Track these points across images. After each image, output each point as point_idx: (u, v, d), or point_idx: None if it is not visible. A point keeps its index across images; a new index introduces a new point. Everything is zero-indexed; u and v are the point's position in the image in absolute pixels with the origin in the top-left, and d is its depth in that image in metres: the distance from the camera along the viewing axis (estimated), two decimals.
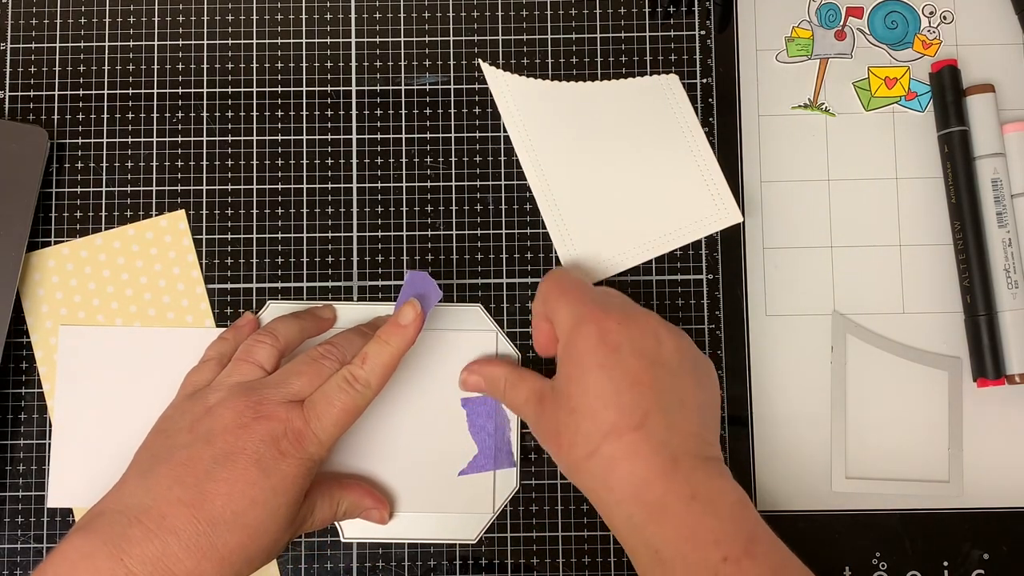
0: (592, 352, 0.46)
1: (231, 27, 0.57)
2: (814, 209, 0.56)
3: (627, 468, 0.45)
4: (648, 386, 0.46)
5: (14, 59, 0.57)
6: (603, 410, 0.46)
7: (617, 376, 0.46)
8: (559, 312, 0.48)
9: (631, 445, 0.45)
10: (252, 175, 0.56)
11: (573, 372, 0.47)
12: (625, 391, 0.46)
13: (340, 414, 0.48)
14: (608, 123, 0.56)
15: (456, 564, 0.54)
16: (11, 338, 0.54)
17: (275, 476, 0.46)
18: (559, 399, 0.48)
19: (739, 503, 0.46)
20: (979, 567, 0.54)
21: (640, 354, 0.47)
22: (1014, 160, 0.55)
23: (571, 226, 0.55)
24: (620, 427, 0.45)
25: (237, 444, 0.46)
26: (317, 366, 0.49)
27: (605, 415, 0.46)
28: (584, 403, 0.46)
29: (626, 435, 0.45)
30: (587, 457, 0.46)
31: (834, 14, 0.57)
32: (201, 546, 0.45)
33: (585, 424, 0.46)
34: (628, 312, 0.48)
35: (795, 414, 0.55)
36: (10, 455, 0.54)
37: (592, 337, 0.47)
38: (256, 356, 0.50)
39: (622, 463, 0.45)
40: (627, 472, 0.45)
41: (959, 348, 0.55)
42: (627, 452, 0.45)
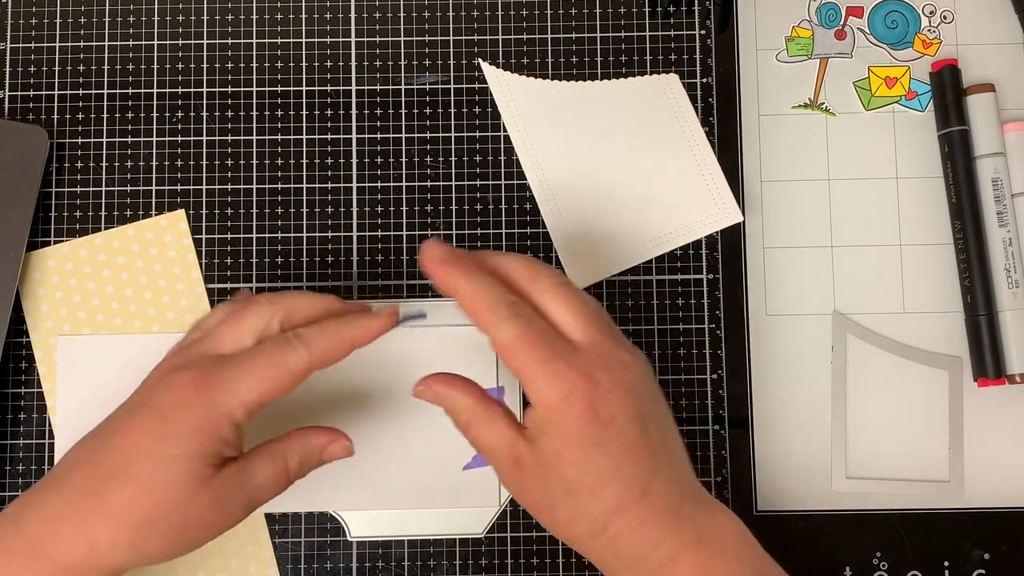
0: (587, 433, 0.43)
1: (231, 27, 0.57)
2: (814, 209, 0.56)
3: (636, 538, 0.43)
4: (645, 453, 0.43)
5: (14, 59, 0.57)
6: (605, 489, 0.43)
7: (615, 451, 0.43)
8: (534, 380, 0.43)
9: (639, 517, 0.43)
10: (252, 175, 0.56)
11: (566, 452, 0.43)
12: (625, 464, 0.43)
13: (267, 369, 0.44)
14: (608, 123, 0.56)
15: (456, 564, 0.54)
16: (11, 338, 0.54)
17: (169, 424, 0.43)
18: (549, 476, 0.43)
19: (740, 536, 0.45)
20: (979, 567, 0.54)
21: (633, 420, 0.43)
22: (1014, 160, 0.55)
23: (571, 226, 0.55)
24: (625, 502, 0.43)
25: (146, 397, 0.45)
26: (247, 312, 0.46)
27: (608, 494, 0.43)
28: (584, 484, 0.43)
29: (633, 508, 0.43)
30: (593, 535, 0.43)
31: (834, 14, 0.57)
32: (89, 502, 0.42)
33: (587, 506, 0.43)
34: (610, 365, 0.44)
35: (795, 414, 0.55)
36: (10, 455, 0.54)
37: (585, 417, 0.43)
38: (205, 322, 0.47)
39: (631, 535, 0.43)
40: (637, 541, 0.43)
41: (959, 348, 0.55)
42: (636, 524, 0.43)
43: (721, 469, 0.54)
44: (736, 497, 0.54)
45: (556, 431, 0.43)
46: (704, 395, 0.55)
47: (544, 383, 0.43)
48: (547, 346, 0.43)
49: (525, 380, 0.44)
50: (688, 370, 0.55)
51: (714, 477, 0.54)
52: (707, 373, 0.55)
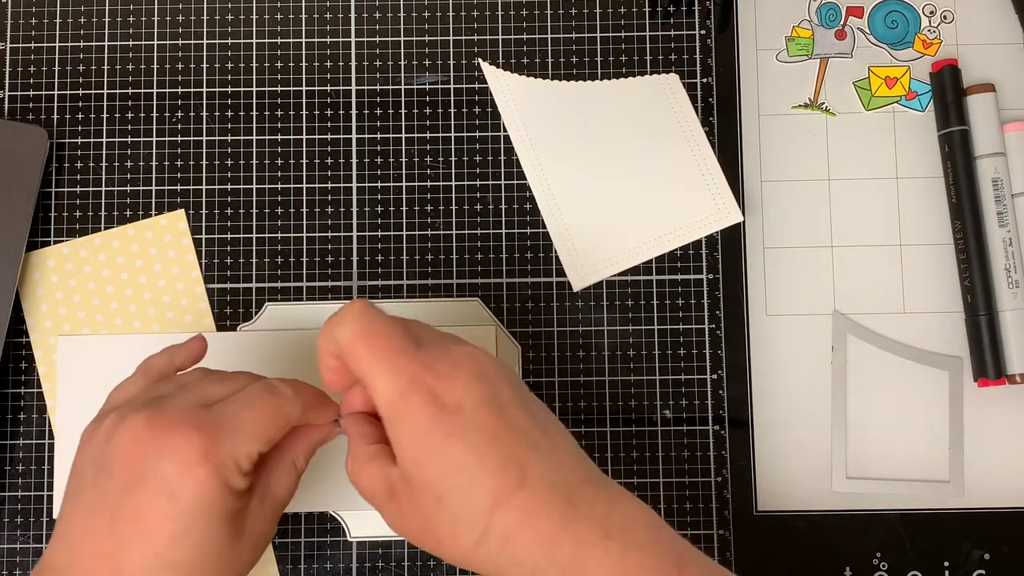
0: (434, 425, 0.39)
1: (231, 27, 0.57)
2: (814, 209, 0.56)
3: (528, 534, 0.39)
4: (510, 437, 0.40)
5: (14, 59, 0.57)
6: (475, 484, 0.39)
7: (472, 439, 0.39)
8: (374, 378, 0.41)
9: (522, 509, 0.39)
10: (252, 175, 0.56)
11: (420, 455, 0.40)
12: (487, 452, 0.39)
13: (261, 417, 0.41)
14: (608, 123, 0.56)
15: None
16: (10, 338, 0.54)
17: (187, 499, 0.39)
18: (416, 491, 0.40)
19: (651, 522, 0.41)
20: (980, 567, 0.54)
21: (484, 403, 0.40)
22: (1014, 159, 0.55)
23: (571, 226, 0.55)
24: (501, 494, 0.39)
25: (136, 470, 0.40)
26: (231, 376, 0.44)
27: (479, 489, 0.39)
28: (450, 484, 0.39)
29: (511, 502, 0.39)
30: (479, 542, 0.39)
31: (834, 14, 0.57)
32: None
33: (461, 509, 0.39)
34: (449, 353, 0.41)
35: (795, 414, 0.55)
36: (10, 455, 0.54)
37: (427, 408, 0.40)
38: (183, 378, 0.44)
39: (520, 531, 0.39)
40: (529, 538, 0.39)
41: (960, 348, 0.55)
42: (521, 516, 0.39)
43: (721, 469, 0.54)
44: (736, 497, 0.54)
45: (406, 434, 0.40)
46: (704, 395, 0.55)
47: (385, 380, 0.40)
48: (387, 342, 0.41)
49: (369, 383, 0.41)
50: (688, 370, 0.55)
51: (714, 477, 0.54)
52: (707, 373, 0.55)
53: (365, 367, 0.41)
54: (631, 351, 0.55)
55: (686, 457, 0.54)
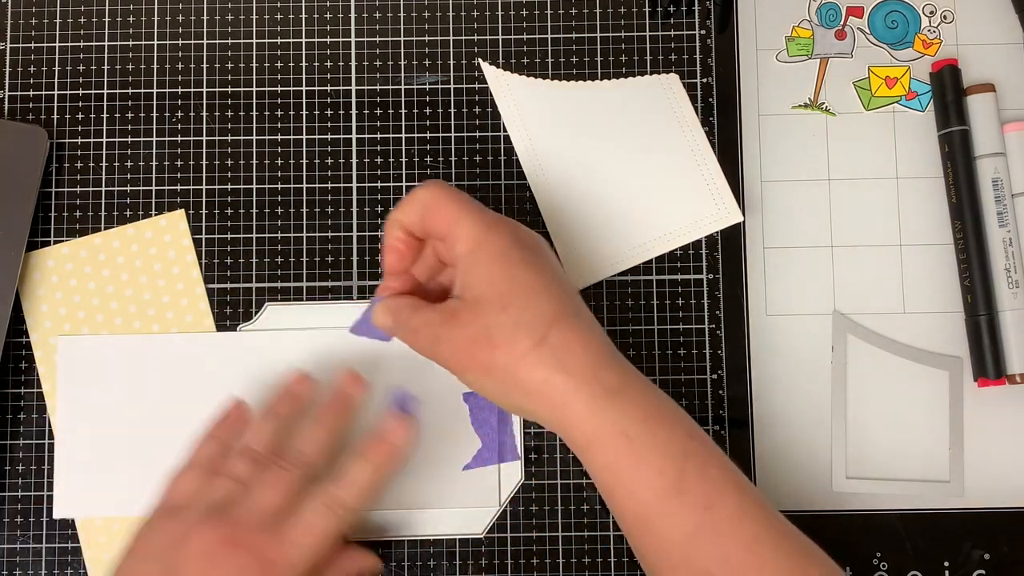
0: (512, 250, 0.46)
1: (231, 27, 0.57)
2: (814, 209, 0.56)
3: (582, 349, 0.44)
4: (566, 285, 0.47)
5: (14, 59, 0.57)
6: (539, 300, 0.45)
7: (541, 271, 0.46)
8: (462, 220, 0.46)
9: (578, 327, 0.45)
10: (252, 175, 0.56)
11: (495, 271, 0.45)
12: (552, 283, 0.45)
13: (317, 540, 0.46)
14: (608, 122, 0.56)
15: (456, 564, 0.54)
16: (10, 337, 0.54)
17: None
18: (482, 304, 0.45)
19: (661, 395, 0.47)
20: (980, 567, 0.54)
21: (551, 259, 0.47)
22: (1014, 159, 0.55)
23: (571, 226, 0.55)
24: (561, 314, 0.45)
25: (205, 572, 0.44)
26: (283, 474, 0.47)
27: (543, 304, 0.45)
28: (518, 296, 0.45)
29: (570, 320, 0.45)
30: (535, 346, 0.44)
31: (834, 14, 0.57)
32: None
33: (525, 315, 0.44)
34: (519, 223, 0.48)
35: (795, 414, 0.55)
36: (10, 455, 0.54)
37: (509, 236, 0.46)
38: (236, 471, 0.48)
39: (576, 345, 0.44)
40: (583, 352, 0.44)
41: (960, 348, 0.55)
42: (577, 334, 0.44)
43: None
44: None
45: (486, 257, 0.46)
46: (704, 395, 0.55)
47: (472, 221, 0.46)
48: (467, 199, 0.47)
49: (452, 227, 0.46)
50: (688, 370, 0.55)
51: None
52: (707, 373, 0.55)
53: (450, 216, 0.47)
54: (631, 351, 0.55)
55: None
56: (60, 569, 0.54)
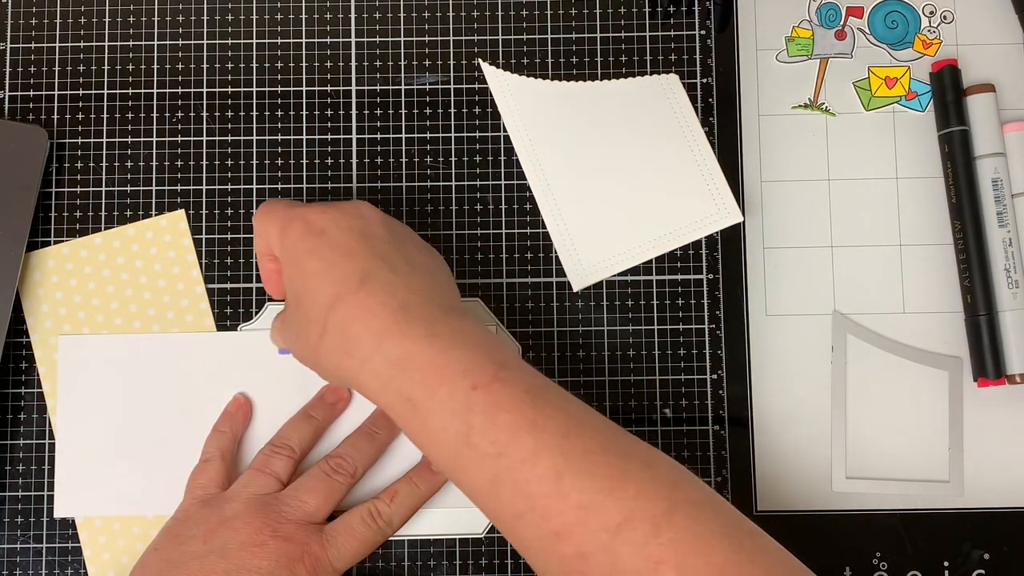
0: (300, 243, 0.46)
1: (231, 27, 0.57)
2: (814, 209, 0.56)
3: (360, 326, 0.44)
4: (363, 254, 0.46)
5: (14, 59, 0.57)
6: (322, 289, 0.45)
7: (327, 254, 0.46)
8: (269, 231, 0.48)
9: (357, 305, 0.44)
10: (252, 175, 0.56)
11: (291, 270, 0.47)
12: (339, 263, 0.45)
13: (359, 547, 0.50)
14: (608, 123, 0.56)
15: (456, 564, 0.54)
16: (11, 337, 0.54)
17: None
18: (289, 304, 0.48)
19: (484, 336, 0.45)
20: (979, 567, 0.54)
21: (348, 230, 0.47)
22: (1014, 160, 0.55)
23: (571, 226, 0.55)
24: (342, 294, 0.45)
25: (252, 562, 0.47)
26: (331, 483, 0.50)
27: (325, 290, 0.45)
28: (304, 288, 0.46)
29: (349, 298, 0.45)
30: (321, 336, 0.45)
31: (834, 14, 0.57)
32: None
33: (312, 309, 0.45)
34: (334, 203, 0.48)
35: (795, 414, 0.55)
36: (10, 455, 0.54)
37: (297, 230, 0.47)
38: (274, 467, 0.51)
39: (353, 324, 0.44)
40: (361, 329, 0.44)
41: (959, 348, 0.55)
42: (355, 313, 0.44)
43: (721, 469, 0.54)
44: (736, 497, 0.54)
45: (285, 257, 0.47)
46: (704, 395, 0.55)
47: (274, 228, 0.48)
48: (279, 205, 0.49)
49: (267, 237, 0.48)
50: (688, 370, 0.55)
51: (714, 477, 0.54)
52: (707, 373, 0.55)
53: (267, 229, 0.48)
54: (631, 351, 0.55)
55: (686, 457, 0.54)
56: (60, 569, 0.54)
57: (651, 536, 0.40)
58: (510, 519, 0.43)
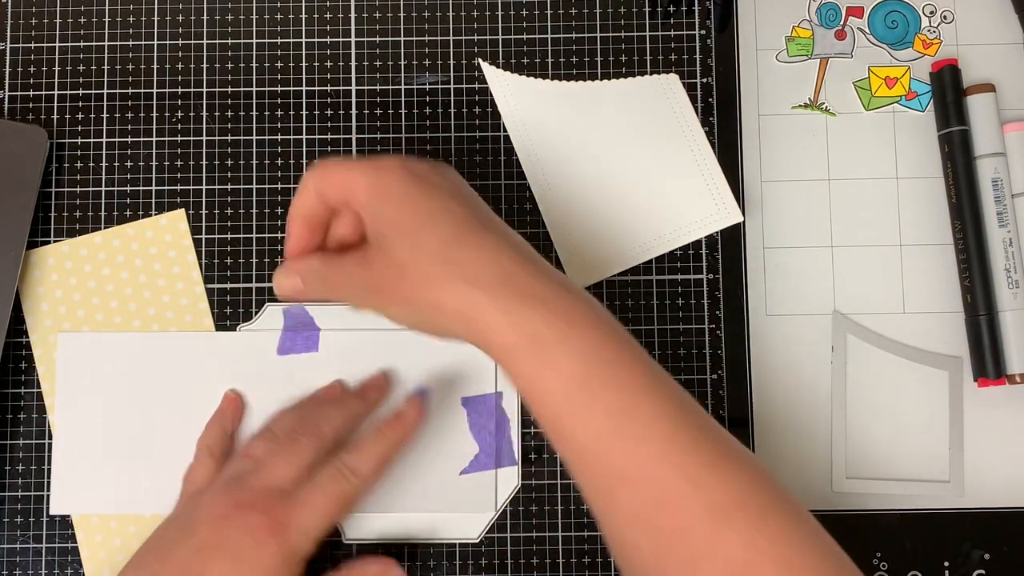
0: (408, 185, 0.45)
1: (231, 27, 0.57)
2: (814, 209, 0.56)
3: (488, 260, 0.44)
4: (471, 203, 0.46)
5: (14, 59, 0.57)
6: (442, 222, 0.44)
7: (443, 197, 0.45)
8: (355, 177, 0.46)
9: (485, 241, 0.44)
10: (252, 175, 0.56)
11: (394, 208, 0.45)
12: (456, 207, 0.45)
13: (329, 504, 0.48)
14: (608, 123, 0.56)
15: (456, 564, 0.54)
16: (10, 337, 0.54)
17: (247, 567, 0.46)
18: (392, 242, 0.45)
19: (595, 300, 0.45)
20: (980, 567, 0.54)
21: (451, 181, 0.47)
22: (1014, 160, 0.55)
23: (571, 226, 0.55)
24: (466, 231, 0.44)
25: (216, 535, 0.47)
26: (294, 445, 0.49)
27: (447, 225, 0.44)
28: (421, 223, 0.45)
29: (476, 235, 0.44)
30: (444, 267, 0.44)
31: (834, 14, 0.57)
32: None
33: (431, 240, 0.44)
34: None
35: (795, 414, 0.55)
36: (9, 455, 0.54)
37: (401, 174, 0.45)
38: (253, 450, 0.50)
39: (481, 257, 0.44)
40: (489, 263, 0.43)
41: (960, 348, 0.55)
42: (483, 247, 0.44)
43: None
44: None
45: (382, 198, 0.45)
46: (704, 395, 0.55)
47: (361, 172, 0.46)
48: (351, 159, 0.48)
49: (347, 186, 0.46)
50: (688, 370, 0.55)
51: None
52: (707, 373, 0.55)
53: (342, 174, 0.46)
54: None
55: None
56: (60, 569, 0.54)
57: (759, 525, 0.40)
58: (612, 482, 0.42)
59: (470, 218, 0.45)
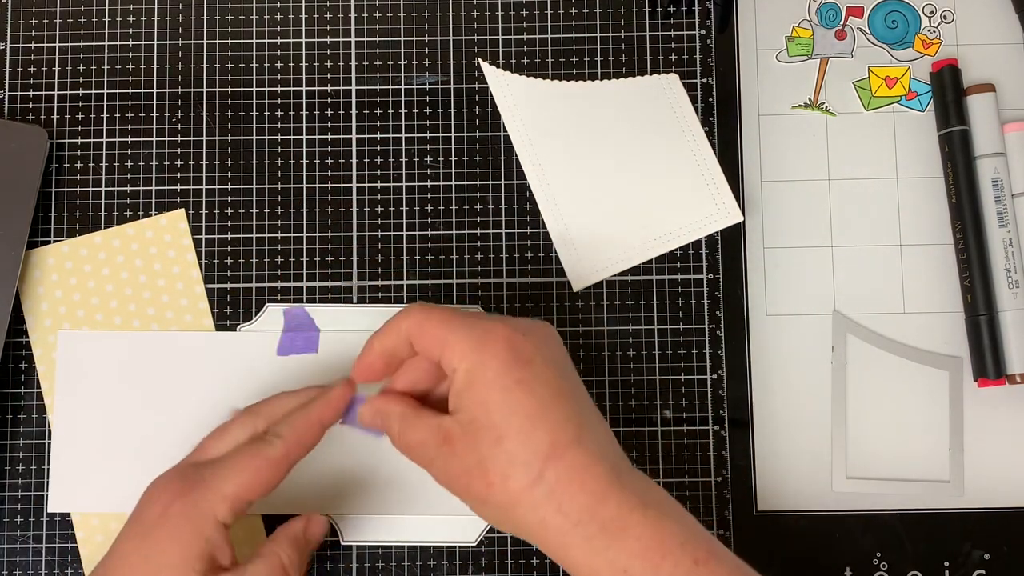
0: (508, 370, 0.43)
1: (231, 27, 0.57)
2: (814, 209, 0.56)
3: (578, 486, 0.42)
4: (569, 396, 0.44)
5: (14, 59, 0.57)
6: (536, 430, 0.42)
7: (539, 391, 0.43)
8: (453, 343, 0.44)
9: (577, 461, 0.42)
10: (252, 175, 0.56)
11: (490, 397, 0.43)
12: (551, 406, 0.43)
13: (244, 460, 0.45)
14: (608, 123, 0.56)
15: (456, 564, 0.54)
16: (10, 337, 0.54)
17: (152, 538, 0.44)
18: (477, 432, 0.43)
19: (680, 506, 0.44)
20: (980, 567, 0.54)
21: (551, 363, 0.44)
22: (1014, 160, 0.55)
23: (571, 226, 0.55)
24: (560, 445, 0.42)
25: (133, 515, 0.45)
26: (228, 424, 0.47)
27: (540, 435, 0.42)
28: (512, 426, 0.42)
29: (568, 452, 0.42)
30: (530, 486, 0.42)
31: (834, 13, 0.57)
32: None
33: (519, 451, 0.42)
34: (522, 320, 0.46)
35: (795, 414, 0.55)
36: (9, 455, 0.54)
37: (503, 354, 0.43)
38: None
39: (572, 483, 0.42)
40: (579, 490, 0.42)
41: (960, 348, 0.55)
42: (574, 469, 0.42)
43: (721, 469, 0.54)
44: (736, 497, 0.54)
45: (479, 379, 0.43)
46: (704, 395, 0.55)
47: (462, 336, 0.44)
48: (455, 312, 0.45)
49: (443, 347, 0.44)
50: (688, 370, 0.55)
51: (714, 477, 0.54)
52: (707, 373, 0.55)
53: (439, 335, 0.44)
54: (631, 351, 0.55)
55: (686, 457, 0.54)
56: (60, 569, 0.54)
57: None
58: None
59: (567, 426, 0.43)
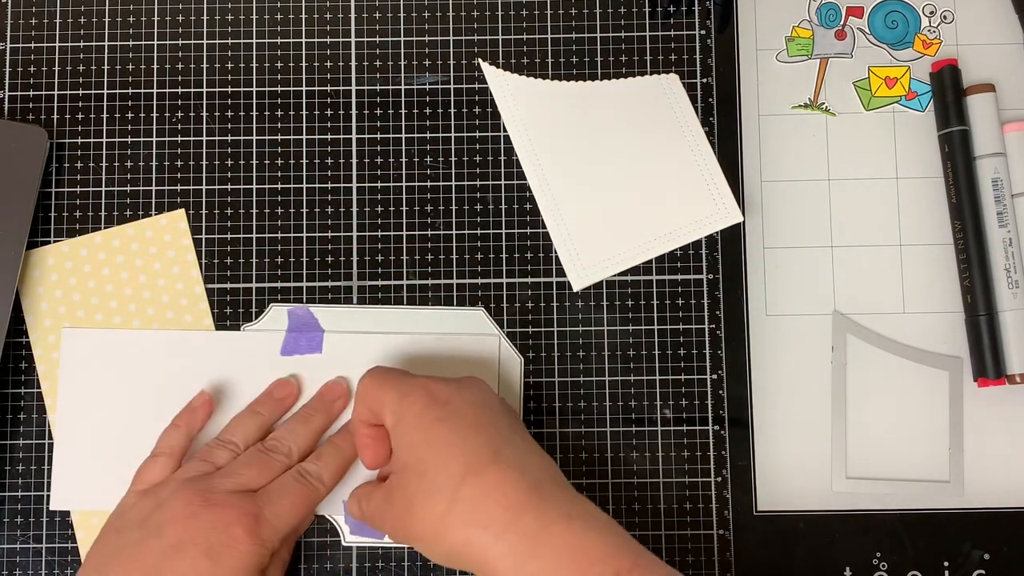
0: (426, 412, 0.46)
1: (231, 27, 0.57)
2: (814, 209, 0.56)
3: (495, 499, 0.44)
4: (488, 427, 0.46)
5: (14, 59, 0.57)
6: (453, 458, 0.45)
7: (457, 424, 0.46)
8: (384, 398, 0.48)
9: (493, 477, 0.44)
10: (252, 175, 0.56)
11: (413, 438, 0.46)
12: (470, 436, 0.46)
13: (295, 501, 0.49)
14: (608, 123, 0.56)
15: None
16: (11, 337, 0.54)
17: (226, 564, 0.46)
18: (407, 475, 0.46)
19: (611, 521, 0.45)
20: (980, 567, 0.54)
21: (471, 403, 0.47)
22: (1014, 160, 0.55)
23: (571, 226, 0.55)
24: (475, 465, 0.44)
25: (186, 534, 0.47)
26: (265, 458, 0.50)
27: (456, 462, 0.45)
28: (431, 459, 0.45)
29: (485, 471, 0.44)
30: (449, 507, 0.44)
31: (834, 14, 0.57)
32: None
33: (439, 478, 0.45)
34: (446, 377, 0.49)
35: (795, 414, 0.55)
36: (9, 455, 0.54)
37: (421, 400, 0.47)
38: (214, 458, 0.51)
39: (489, 496, 0.44)
40: (496, 503, 0.44)
41: (960, 348, 0.55)
42: (491, 484, 0.44)
43: (721, 469, 0.54)
44: (736, 497, 0.54)
45: (403, 424, 0.47)
46: (704, 395, 0.55)
47: (390, 396, 0.48)
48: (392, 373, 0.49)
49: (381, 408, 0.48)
50: (688, 370, 0.55)
51: (714, 477, 0.54)
52: (707, 373, 0.55)
53: (378, 395, 0.48)
54: (631, 351, 0.55)
55: (686, 457, 0.54)
56: (60, 569, 0.54)
57: None
58: None
59: (482, 448, 0.45)
